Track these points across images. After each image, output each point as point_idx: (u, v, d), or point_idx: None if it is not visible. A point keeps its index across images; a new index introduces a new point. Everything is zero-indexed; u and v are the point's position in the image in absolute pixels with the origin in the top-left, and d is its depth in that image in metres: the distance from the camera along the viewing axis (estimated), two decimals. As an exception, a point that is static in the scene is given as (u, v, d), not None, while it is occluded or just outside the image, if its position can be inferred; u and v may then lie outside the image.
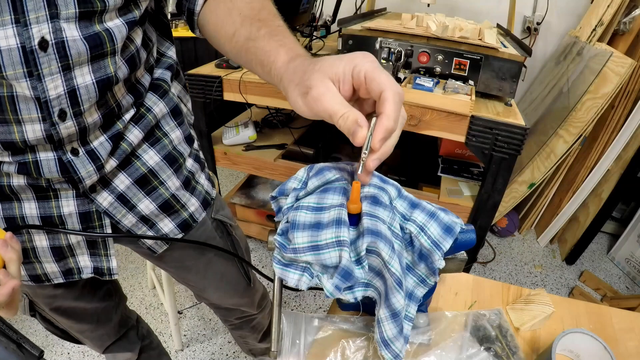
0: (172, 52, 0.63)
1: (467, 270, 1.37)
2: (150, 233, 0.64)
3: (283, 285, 0.44)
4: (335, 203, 0.41)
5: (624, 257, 1.83)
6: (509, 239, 2.00)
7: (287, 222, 0.42)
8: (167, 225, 0.64)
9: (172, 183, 0.62)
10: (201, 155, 0.72)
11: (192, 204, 0.67)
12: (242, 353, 1.40)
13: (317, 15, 1.68)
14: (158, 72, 0.60)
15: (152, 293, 1.64)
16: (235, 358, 1.39)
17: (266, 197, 1.77)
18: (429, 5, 1.44)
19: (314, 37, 1.61)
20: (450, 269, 0.47)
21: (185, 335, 1.46)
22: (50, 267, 0.59)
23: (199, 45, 2.17)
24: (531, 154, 1.72)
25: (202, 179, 0.70)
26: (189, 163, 0.66)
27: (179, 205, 0.64)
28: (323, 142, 1.66)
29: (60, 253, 0.58)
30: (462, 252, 0.47)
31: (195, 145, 0.70)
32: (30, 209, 0.53)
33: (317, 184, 0.44)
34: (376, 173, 0.46)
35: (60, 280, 0.61)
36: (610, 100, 1.47)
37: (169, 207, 0.63)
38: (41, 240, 0.57)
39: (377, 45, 1.15)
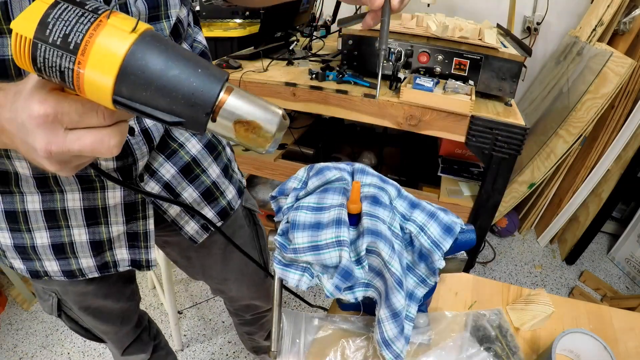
0: (201, 37, 0.65)
1: (467, 270, 1.37)
2: (192, 223, 0.66)
3: (286, 287, 0.44)
4: (335, 203, 0.41)
5: (624, 257, 1.83)
6: (509, 239, 2.00)
7: (287, 222, 0.42)
8: (207, 214, 0.66)
9: (213, 170, 0.64)
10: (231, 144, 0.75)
11: (230, 192, 0.69)
12: (242, 353, 1.40)
13: (317, 15, 1.68)
14: None
15: (152, 293, 1.64)
16: (235, 358, 1.39)
17: (266, 197, 1.77)
18: (429, 5, 1.44)
19: (314, 37, 1.61)
20: (450, 269, 0.47)
21: (185, 335, 1.46)
22: (87, 261, 0.59)
23: (199, 45, 2.16)
24: (531, 154, 1.72)
25: (236, 167, 0.73)
26: (228, 150, 0.69)
27: (218, 192, 0.66)
28: (323, 142, 1.66)
29: (99, 247, 0.59)
30: (462, 252, 0.47)
31: None
32: (73, 200, 0.53)
33: (317, 184, 0.44)
34: (376, 173, 0.46)
35: (95, 275, 0.61)
36: (610, 100, 1.47)
37: (210, 194, 0.65)
38: (80, 235, 0.56)
39: (378, 45, 1.14)
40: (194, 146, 0.61)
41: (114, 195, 0.54)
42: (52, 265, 0.58)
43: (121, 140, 0.31)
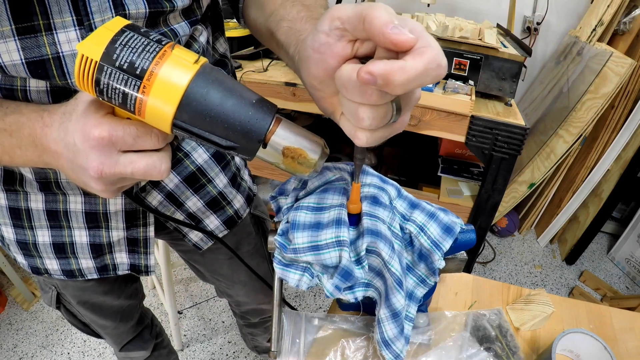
0: (219, 44, 0.63)
1: (467, 270, 1.37)
2: (196, 230, 0.65)
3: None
4: (335, 203, 0.41)
5: (624, 257, 1.83)
6: (509, 239, 2.00)
7: (287, 222, 0.42)
8: (212, 222, 0.65)
9: (220, 180, 0.63)
10: None
11: (238, 201, 0.68)
12: (241, 353, 1.40)
13: (317, 15, 1.67)
14: None
15: (152, 293, 1.64)
16: (235, 358, 1.39)
17: (266, 197, 1.77)
18: (429, 5, 1.44)
19: (314, 37, 1.60)
20: (450, 269, 0.47)
21: (185, 335, 1.46)
22: (86, 263, 0.59)
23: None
24: (531, 154, 1.72)
25: (246, 175, 0.71)
26: (237, 159, 0.67)
27: (225, 202, 0.65)
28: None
29: (99, 250, 0.58)
30: (462, 252, 0.47)
31: None
32: (75, 203, 0.53)
33: (317, 184, 0.44)
34: (376, 173, 0.46)
35: (95, 276, 0.61)
36: (610, 100, 1.47)
37: (215, 204, 0.64)
38: (81, 236, 0.57)
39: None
40: (200, 155, 0.59)
41: (115, 202, 0.54)
42: (52, 264, 0.59)
43: (170, 164, 0.32)
